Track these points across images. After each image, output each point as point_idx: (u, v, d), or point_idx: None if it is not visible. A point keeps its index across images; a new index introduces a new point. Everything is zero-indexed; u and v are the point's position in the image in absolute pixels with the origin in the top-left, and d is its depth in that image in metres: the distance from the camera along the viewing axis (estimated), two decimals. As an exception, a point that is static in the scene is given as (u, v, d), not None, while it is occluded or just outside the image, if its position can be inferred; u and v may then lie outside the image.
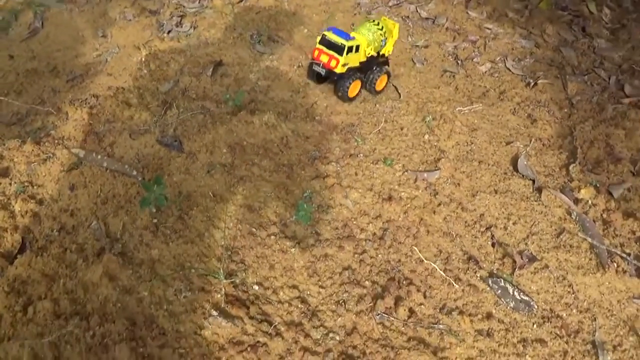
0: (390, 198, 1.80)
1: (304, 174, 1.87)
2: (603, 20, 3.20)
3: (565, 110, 2.51)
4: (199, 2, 3.94)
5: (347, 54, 2.00)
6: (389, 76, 2.29)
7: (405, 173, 1.92)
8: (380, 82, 2.25)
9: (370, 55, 2.16)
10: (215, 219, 1.66)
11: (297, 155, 1.95)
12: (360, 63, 2.14)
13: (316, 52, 2.07)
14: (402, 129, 2.13)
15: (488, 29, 2.98)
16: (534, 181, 1.96)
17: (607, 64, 2.84)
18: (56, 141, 1.97)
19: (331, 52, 2.01)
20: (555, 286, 1.61)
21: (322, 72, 2.10)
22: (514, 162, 2.04)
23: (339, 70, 2.03)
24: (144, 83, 2.25)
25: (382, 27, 2.18)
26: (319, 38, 2.07)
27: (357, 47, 2.04)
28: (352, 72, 2.10)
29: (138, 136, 1.93)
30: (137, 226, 1.62)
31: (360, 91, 2.25)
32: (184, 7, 3.88)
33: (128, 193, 1.74)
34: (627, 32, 3.10)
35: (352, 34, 2.06)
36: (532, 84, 2.64)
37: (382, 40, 2.18)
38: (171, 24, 3.41)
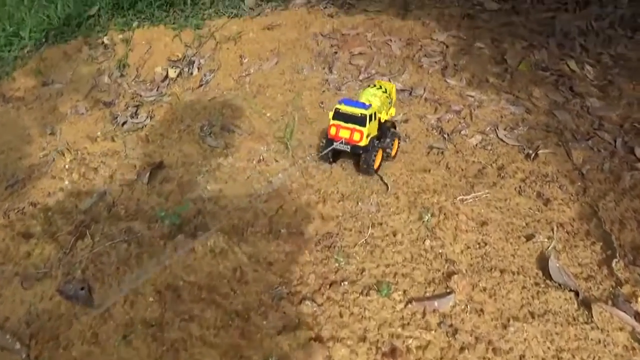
0: (393, 351, 1.29)
1: (266, 325, 1.34)
2: (588, 78, 2.96)
3: (578, 183, 2.14)
4: (157, 90, 3.59)
5: (369, 123, 1.83)
6: (399, 139, 2.13)
7: (409, 305, 1.42)
8: (395, 147, 2.09)
9: (383, 120, 2.02)
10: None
11: (255, 294, 1.44)
12: (378, 130, 1.98)
13: (333, 130, 1.84)
14: (395, 234, 1.67)
15: (471, 96, 2.68)
16: (576, 292, 1.50)
17: (607, 124, 2.54)
18: None
19: (351, 126, 1.82)
20: None
21: (347, 148, 1.86)
22: (543, 265, 1.60)
23: (364, 142, 1.83)
24: (60, 200, 1.76)
25: (386, 90, 2.04)
26: (331, 114, 1.85)
27: (375, 114, 1.91)
28: (373, 142, 1.91)
29: (33, 284, 1.41)
30: None
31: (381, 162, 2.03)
32: (140, 96, 3.52)
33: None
34: (616, 88, 2.85)
35: (362, 101, 1.92)
36: (533, 155, 2.29)
37: (389, 103, 2.07)
38: (126, 115, 3.13)
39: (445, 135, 2.45)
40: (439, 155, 2.31)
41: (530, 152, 2.31)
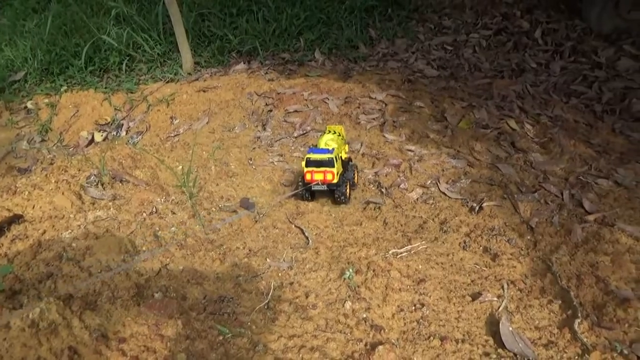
0: None
1: None
2: (529, 135, 2.89)
3: (528, 237, 1.92)
4: (80, 155, 3.29)
5: (336, 163, 2.07)
6: (357, 169, 2.33)
7: (316, 387, 1.06)
8: (356, 176, 2.30)
9: (344, 158, 2.26)
10: None
11: None
12: (343, 167, 2.22)
13: (309, 175, 2.07)
14: (307, 295, 1.33)
15: (410, 150, 2.51)
16: (534, 363, 1.19)
17: (552, 178, 2.40)
18: None
19: (323, 169, 2.05)
20: None
21: (324, 187, 2.08)
22: (494, 330, 1.29)
23: (336, 180, 2.07)
24: None
25: (338, 133, 2.26)
26: (304, 162, 2.07)
27: (338, 155, 2.16)
28: (342, 178, 2.14)
29: None
30: None
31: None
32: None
33: None
34: (557, 145, 2.78)
35: (323, 147, 2.16)
36: (477, 208, 2.08)
37: (343, 143, 2.29)
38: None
39: (383, 190, 2.22)
40: (376, 210, 2.06)
41: (475, 205, 2.10)
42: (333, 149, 2.12)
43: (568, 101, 3.31)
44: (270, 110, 2.91)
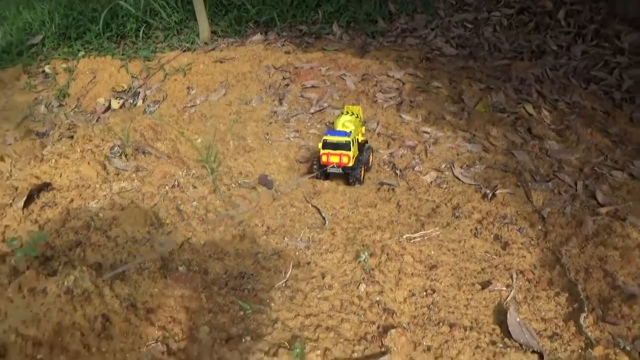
0: None
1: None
2: (545, 122, 2.87)
3: (539, 227, 1.94)
4: (96, 121, 3.32)
5: (352, 146, 2.08)
6: (372, 151, 2.33)
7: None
8: (371, 158, 2.31)
9: (360, 140, 2.27)
10: None
11: (118, 354, 1.07)
12: (358, 149, 2.22)
13: (325, 157, 2.09)
14: (323, 276, 1.38)
15: (426, 132, 2.52)
16: (540, 355, 1.24)
17: (566, 167, 2.40)
18: None
19: (339, 152, 2.07)
20: None
21: (339, 170, 2.12)
22: (501, 319, 1.34)
23: (351, 163, 2.09)
24: None
25: (356, 115, 2.27)
26: (320, 144, 2.09)
27: (355, 139, 2.16)
28: (357, 160, 2.15)
29: None
30: None
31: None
32: (77, 126, 3.25)
33: None
34: (573, 132, 2.76)
35: (341, 129, 2.18)
36: (490, 195, 2.10)
37: (360, 124, 2.29)
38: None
39: (398, 171, 2.24)
40: (390, 192, 2.09)
41: (488, 191, 2.12)
42: (350, 132, 2.13)
43: (587, 87, 3.25)
44: (287, 85, 2.90)
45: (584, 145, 2.61)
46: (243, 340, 1.15)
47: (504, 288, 1.48)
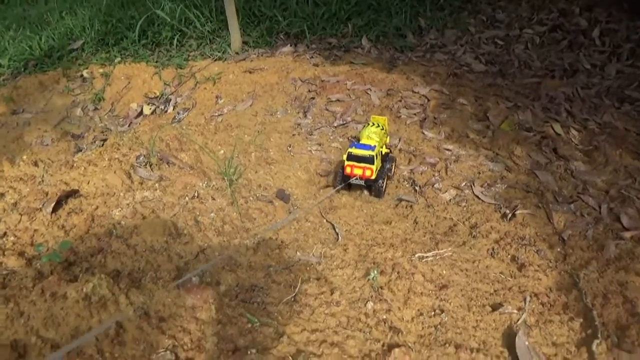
0: None
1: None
2: (573, 142, 2.81)
3: (558, 249, 1.91)
4: (128, 125, 3.47)
5: (376, 160, 2.14)
6: (395, 162, 2.39)
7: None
8: (393, 168, 2.37)
9: (383, 152, 2.32)
10: None
11: None
12: (382, 160, 2.29)
13: (348, 169, 2.15)
14: (332, 292, 1.41)
15: (448, 150, 2.51)
16: (546, 380, 1.23)
17: (591, 189, 2.35)
18: None
19: (362, 165, 2.12)
20: None
21: (362, 182, 2.18)
22: (510, 342, 1.33)
23: (374, 176, 2.14)
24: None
25: (382, 127, 2.33)
26: (345, 156, 2.15)
27: (379, 152, 2.23)
28: (381, 173, 2.21)
29: None
30: None
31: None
32: (110, 130, 3.41)
33: None
34: (602, 154, 2.70)
35: (366, 142, 2.23)
36: (510, 215, 2.08)
37: (385, 136, 2.35)
38: (91, 148, 2.96)
39: (417, 188, 2.25)
40: (407, 209, 2.10)
41: (507, 211, 2.10)
42: (374, 146, 2.18)
43: (620, 107, 3.17)
44: (313, 98, 2.96)
45: (611, 167, 2.54)
46: (249, 352, 1.19)
47: (516, 311, 1.47)
